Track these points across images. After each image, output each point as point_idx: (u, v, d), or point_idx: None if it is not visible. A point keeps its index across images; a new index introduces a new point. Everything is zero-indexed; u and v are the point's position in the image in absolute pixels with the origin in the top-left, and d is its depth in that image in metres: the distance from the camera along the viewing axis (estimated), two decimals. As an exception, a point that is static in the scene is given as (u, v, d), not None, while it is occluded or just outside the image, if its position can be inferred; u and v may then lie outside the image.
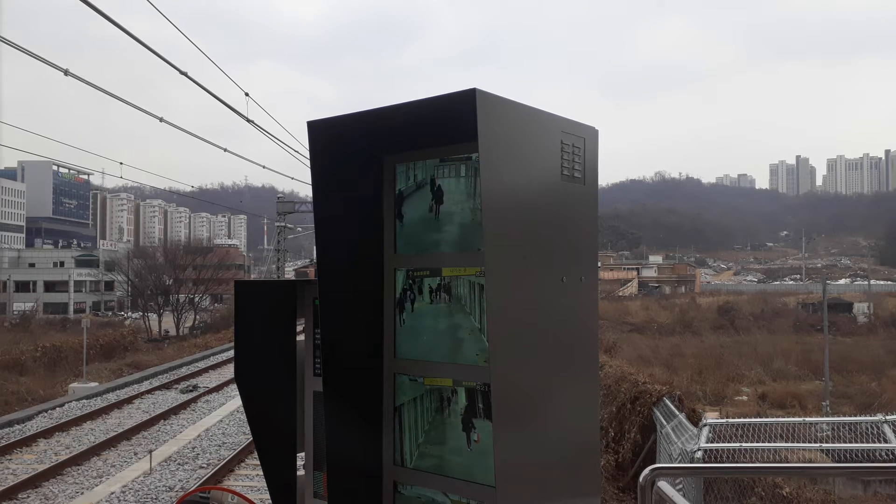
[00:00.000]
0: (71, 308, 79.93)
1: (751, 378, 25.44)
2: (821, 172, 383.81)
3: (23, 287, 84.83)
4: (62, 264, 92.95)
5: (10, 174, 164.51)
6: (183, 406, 20.30)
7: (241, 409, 11.20)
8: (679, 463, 9.66)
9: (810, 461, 10.05)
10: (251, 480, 12.84)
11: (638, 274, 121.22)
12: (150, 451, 14.30)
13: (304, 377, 2.90)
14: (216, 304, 65.62)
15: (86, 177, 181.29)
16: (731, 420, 12.40)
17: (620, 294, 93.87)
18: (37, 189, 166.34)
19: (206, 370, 28.83)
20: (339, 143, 2.41)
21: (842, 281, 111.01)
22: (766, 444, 10.70)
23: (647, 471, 3.57)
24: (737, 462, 9.56)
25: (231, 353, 28.45)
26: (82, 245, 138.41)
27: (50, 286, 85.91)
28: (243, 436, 16.00)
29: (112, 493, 12.14)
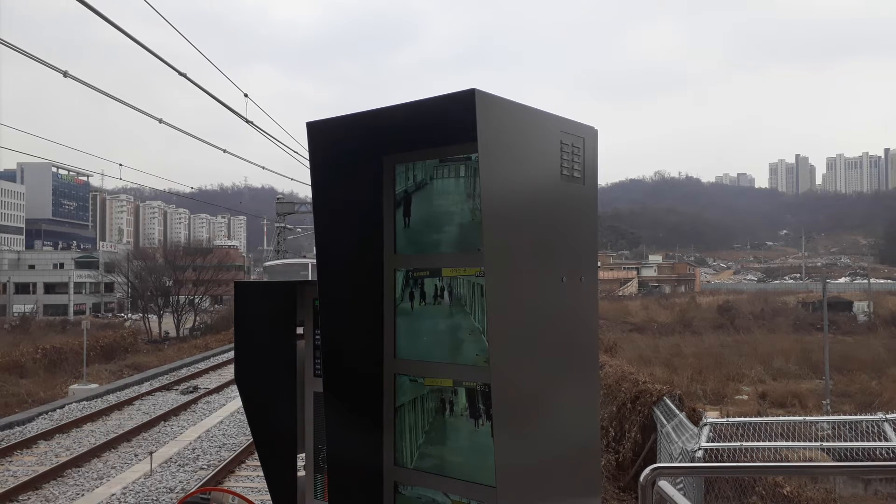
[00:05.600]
0: (71, 310, 79.86)
1: (751, 377, 25.42)
2: (820, 171, 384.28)
3: (23, 289, 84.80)
4: (62, 266, 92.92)
5: (9, 176, 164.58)
6: (183, 407, 20.28)
7: (242, 410, 11.18)
8: (679, 462, 9.65)
9: (811, 460, 10.03)
10: (252, 481, 12.83)
11: (638, 273, 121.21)
12: (151, 453, 14.29)
13: (304, 378, 2.90)
14: (216, 306, 65.53)
15: (85, 178, 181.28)
16: (731, 419, 12.38)
17: (620, 294, 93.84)
18: (36, 191, 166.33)
19: (206, 371, 28.81)
20: (338, 144, 2.41)
21: (841, 280, 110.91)
22: (767, 444, 10.69)
23: (647, 470, 3.57)
24: (737, 461, 9.54)
25: (231, 354, 28.42)
26: (82, 247, 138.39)
27: (50, 288, 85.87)
28: (244, 437, 15.99)
29: (112, 495, 12.13)
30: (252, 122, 17.10)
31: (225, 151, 21.07)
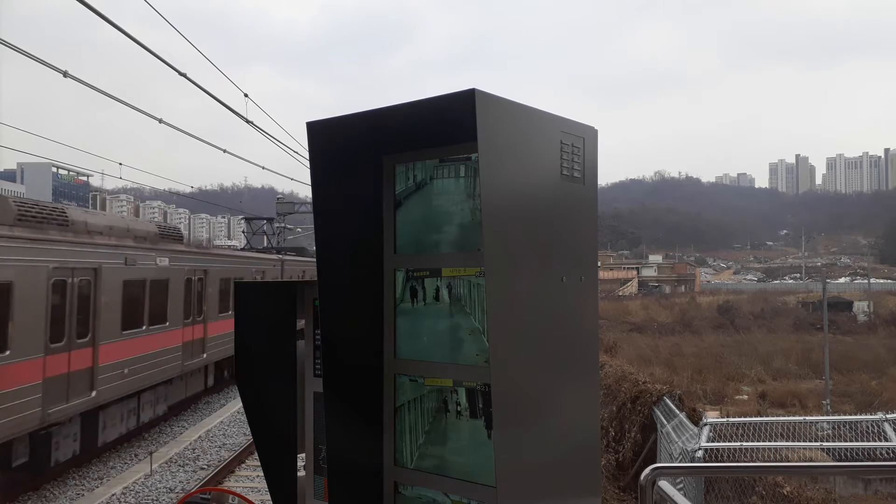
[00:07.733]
0: (71, 310, 79.67)
1: (751, 377, 25.43)
2: (820, 171, 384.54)
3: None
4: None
5: (9, 176, 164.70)
6: (183, 407, 20.26)
7: (242, 410, 11.19)
8: (680, 462, 9.65)
9: (811, 460, 10.03)
10: (252, 481, 12.84)
11: (638, 273, 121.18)
12: (151, 453, 14.28)
13: (305, 378, 2.90)
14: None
15: (85, 178, 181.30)
16: (731, 419, 12.37)
17: (620, 294, 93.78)
18: (36, 190, 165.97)
19: (206, 371, 28.74)
20: (338, 144, 2.41)
21: (841, 279, 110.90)
22: (767, 444, 10.68)
23: (647, 470, 3.57)
24: (737, 461, 9.54)
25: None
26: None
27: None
28: (244, 437, 15.98)
29: (113, 495, 12.12)
30: (252, 122, 17.08)
31: (225, 151, 21.05)
